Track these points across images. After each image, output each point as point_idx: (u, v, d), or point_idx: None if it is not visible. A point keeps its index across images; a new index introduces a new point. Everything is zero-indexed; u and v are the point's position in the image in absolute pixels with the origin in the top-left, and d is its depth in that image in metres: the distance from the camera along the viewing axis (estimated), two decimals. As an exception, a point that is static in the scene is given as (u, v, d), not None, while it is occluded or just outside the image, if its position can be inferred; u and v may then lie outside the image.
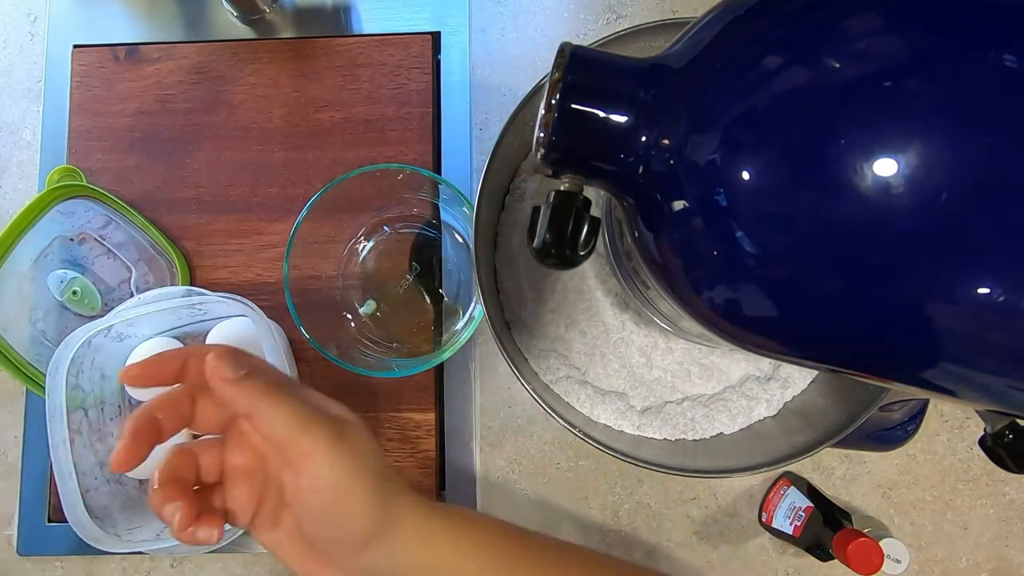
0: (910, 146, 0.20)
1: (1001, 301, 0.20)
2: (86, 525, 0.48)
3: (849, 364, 0.25)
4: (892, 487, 0.57)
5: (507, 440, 0.58)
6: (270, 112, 0.60)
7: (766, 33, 0.24)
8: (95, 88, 0.61)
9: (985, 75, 0.20)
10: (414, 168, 0.52)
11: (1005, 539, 0.57)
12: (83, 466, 0.50)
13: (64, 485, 0.48)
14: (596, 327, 0.49)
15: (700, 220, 0.24)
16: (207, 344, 0.52)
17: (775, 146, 0.22)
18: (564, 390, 0.49)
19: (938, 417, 0.58)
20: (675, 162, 0.25)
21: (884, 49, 0.21)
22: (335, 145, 0.59)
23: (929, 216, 0.20)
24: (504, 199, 0.52)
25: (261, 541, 0.32)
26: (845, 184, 0.21)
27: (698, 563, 0.57)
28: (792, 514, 0.54)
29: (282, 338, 0.56)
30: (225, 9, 0.62)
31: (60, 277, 0.57)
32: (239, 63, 0.61)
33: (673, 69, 0.26)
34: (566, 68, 0.26)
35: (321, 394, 0.32)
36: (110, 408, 0.56)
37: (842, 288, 0.22)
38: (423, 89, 0.60)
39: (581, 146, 0.27)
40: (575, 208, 0.27)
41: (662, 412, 0.49)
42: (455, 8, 0.61)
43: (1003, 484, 0.57)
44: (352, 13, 0.62)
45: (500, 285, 0.52)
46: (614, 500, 0.57)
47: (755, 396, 0.49)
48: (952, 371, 0.23)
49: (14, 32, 0.63)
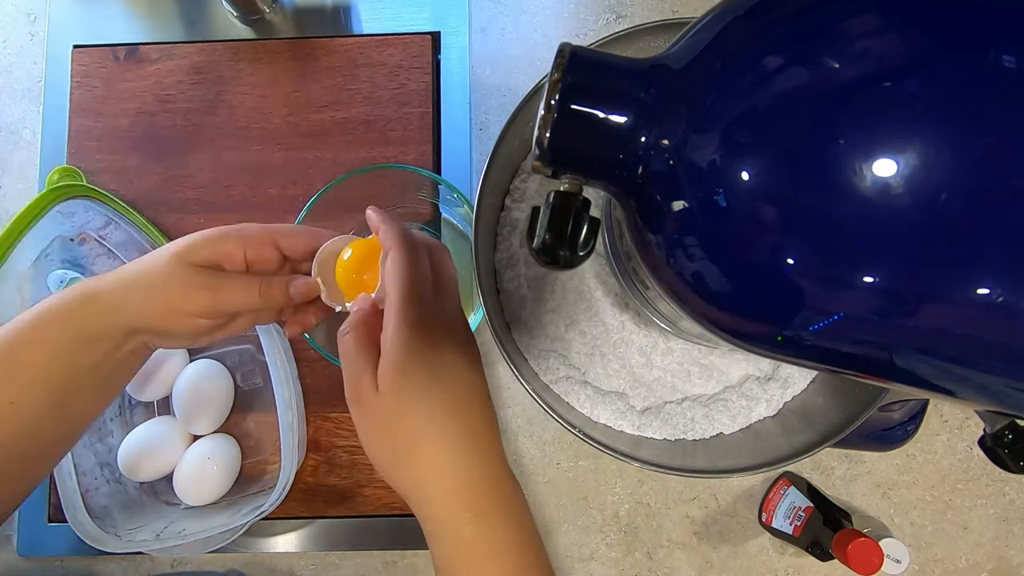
0: (910, 147, 0.20)
1: (1001, 301, 0.20)
2: (86, 525, 0.48)
3: (848, 364, 0.25)
4: (892, 487, 0.57)
5: (507, 440, 0.58)
6: (270, 112, 0.60)
7: (766, 33, 0.24)
8: (95, 88, 0.61)
9: (985, 75, 0.20)
10: (414, 168, 0.52)
11: (1005, 539, 0.57)
12: (83, 466, 0.50)
13: (64, 485, 0.48)
14: (596, 327, 0.49)
15: (700, 220, 0.24)
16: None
17: (775, 146, 0.22)
18: (564, 390, 0.49)
19: (938, 417, 0.58)
20: (675, 162, 0.25)
21: (884, 49, 0.21)
22: (335, 145, 0.59)
23: (929, 216, 0.20)
24: (504, 199, 0.52)
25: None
26: (845, 184, 0.21)
27: (698, 563, 0.57)
28: (792, 514, 0.54)
29: (282, 338, 0.56)
30: (225, 9, 0.62)
31: (60, 277, 0.57)
32: (239, 63, 0.61)
33: (673, 69, 0.26)
34: (566, 68, 0.26)
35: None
36: (110, 408, 0.56)
37: (843, 289, 0.22)
38: (423, 89, 0.60)
39: (581, 146, 0.27)
40: (575, 208, 0.27)
41: (662, 412, 0.49)
42: (455, 8, 0.61)
43: (1003, 484, 0.57)
44: (352, 13, 0.62)
45: (500, 285, 0.52)
46: (614, 500, 0.57)
47: (755, 396, 0.49)
48: (952, 371, 0.23)
49: (14, 32, 0.63)
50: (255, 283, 0.36)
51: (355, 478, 0.57)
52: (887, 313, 0.22)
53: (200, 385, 0.56)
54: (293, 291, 0.37)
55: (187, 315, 0.35)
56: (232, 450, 0.56)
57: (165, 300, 0.35)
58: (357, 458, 0.57)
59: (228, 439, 0.56)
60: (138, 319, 0.35)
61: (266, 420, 0.57)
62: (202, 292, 0.35)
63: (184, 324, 0.36)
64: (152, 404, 0.58)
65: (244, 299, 0.36)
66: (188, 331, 0.36)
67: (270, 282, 0.37)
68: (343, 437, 0.57)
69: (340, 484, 0.57)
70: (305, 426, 0.57)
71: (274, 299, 0.37)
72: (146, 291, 0.35)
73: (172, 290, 0.35)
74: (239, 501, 0.55)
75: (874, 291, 0.22)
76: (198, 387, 0.55)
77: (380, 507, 0.57)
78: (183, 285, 0.35)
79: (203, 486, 0.54)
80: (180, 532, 0.50)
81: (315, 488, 0.57)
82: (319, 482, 0.57)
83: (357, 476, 0.57)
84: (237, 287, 0.36)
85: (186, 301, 0.35)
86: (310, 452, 0.57)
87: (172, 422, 0.56)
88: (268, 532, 0.57)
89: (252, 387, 0.58)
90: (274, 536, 0.57)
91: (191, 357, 0.58)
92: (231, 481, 0.55)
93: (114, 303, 0.35)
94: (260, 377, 0.58)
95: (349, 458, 0.57)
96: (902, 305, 0.22)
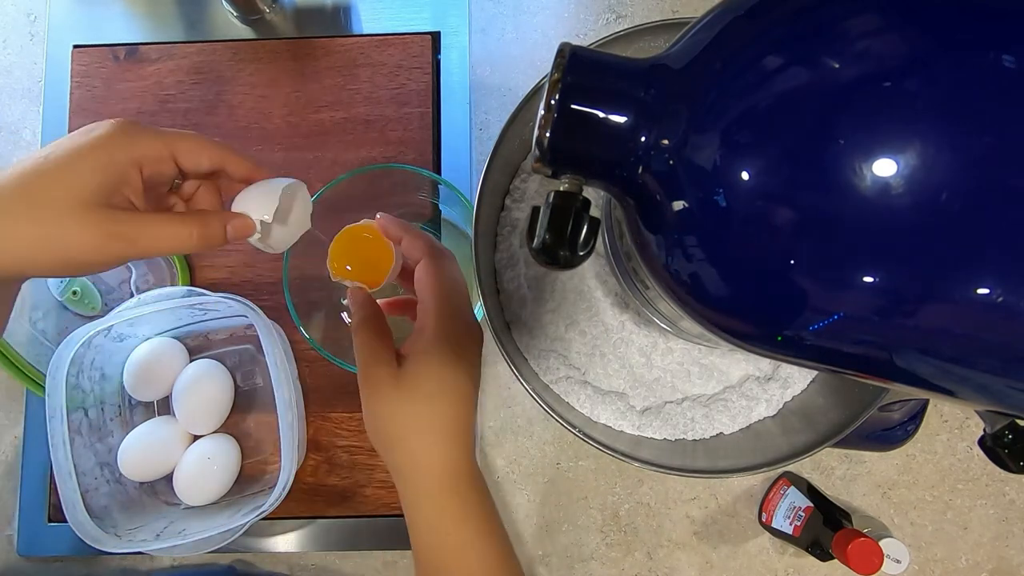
0: (910, 146, 0.20)
1: (1001, 301, 0.20)
2: (86, 525, 0.48)
3: (848, 364, 0.25)
4: (892, 487, 0.57)
5: (507, 440, 0.58)
6: (270, 112, 0.60)
7: (766, 33, 0.24)
8: (95, 88, 0.61)
9: (985, 75, 0.20)
10: (414, 168, 0.52)
11: (1005, 539, 0.57)
12: (83, 466, 0.50)
13: (64, 485, 0.48)
14: (596, 327, 0.49)
15: (700, 220, 0.24)
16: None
17: (775, 146, 0.22)
18: (564, 390, 0.49)
19: (938, 417, 0.58)
20: (675, 162, 0.25)
21: (884, 49, 0.21)
22: (335, 145, 0.59)
23: (929, 216, 0.20)
24: (504, 199, 0.52)
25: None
26: (845, 184, 0.21)
27: (698, 563, 0.57)
28: (792, 514, 0.54)
29: (282, 338, 0.56)
30: (225, 9, 0.62)
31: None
32: (239, 63, 0.61)
33: (673, 69, 0.26)
34: (566, 68, 0.26)
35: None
36: (110, 408, 0.56)
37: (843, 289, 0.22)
38: (423, 89, 0.60)
39: (581, 146, 0.27)
40: (575, 208, 0.27)
41: (662, 412, 0.49)
42: (455, 8, 0.61)
43: (1003, 484, 0.57)
44: (352, 13, 0.62)
45: (500, 285, 0.52)
46: (614, 500, 0.57)
47: (755, 396, 0.49)
48: (952, 371, 0.23)
49: (14, 32, 0.63)
50: (184, 230, 0.31)
51: (355, 478, 0.57)
52: (887, 313, 0.22)
53: (200, 385, 0.56)
54: (232, 232, 0.33)
55: (90, 263, 0.30)
56: (232, 450, 0.56)
57: (65, 254, 0.29)
58: (357, 458, 0.57)
59: (228, 439, 0.56)
60: (22, 261, 0.29)
61: (266, 420, 0.57)
62: (114, 242, 0.30)
63: (80, 269, 0.31)
64: (152, 404, 0.58)
65: (170, 244, 0.31)
66: (80, 273, 0.33)
67: (205, 224, 0.32)
68: (343, 437, 0.57)
69: (340, 484, 0.57)
70: (305, 426, 0.57)
71: (212, 244, 0.33)
72: (37, 243, 0.29)
73: (74, 244, 0.29)
74: (239, 501, 0.55)
75: (874, 291, 0.22)
76: (198, 387, 0.55)
77: (380, 507, 0.57)
78: (90, 237, 0.29)
79: (203, 486, 0.54)
80: (180, 532, 0.50)
81: (315, 488, 0.57)
82: (319, 482, 0.57)
83: (357, 476, 0.57)
84: (156, 234, 0.31)
85: (95, 253, 0.30)
86: (310, 452, 0.57)
87: (172, 422, 0.56)
88: (268, 532, 0.57)
89: (252, 387, 0.58)
90: (274, 536, 0.57)
91: (191, 357, 0.58)
92: (231, 481, 0.55)
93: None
94: (260, 377, 0.58)
95: (349, 458, 0.57)
96: (902, 305, 0.22)
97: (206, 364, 0.56)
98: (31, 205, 0.29)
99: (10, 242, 0.29)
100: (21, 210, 0.29)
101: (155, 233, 0.31)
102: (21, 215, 0.29)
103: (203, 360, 0.57)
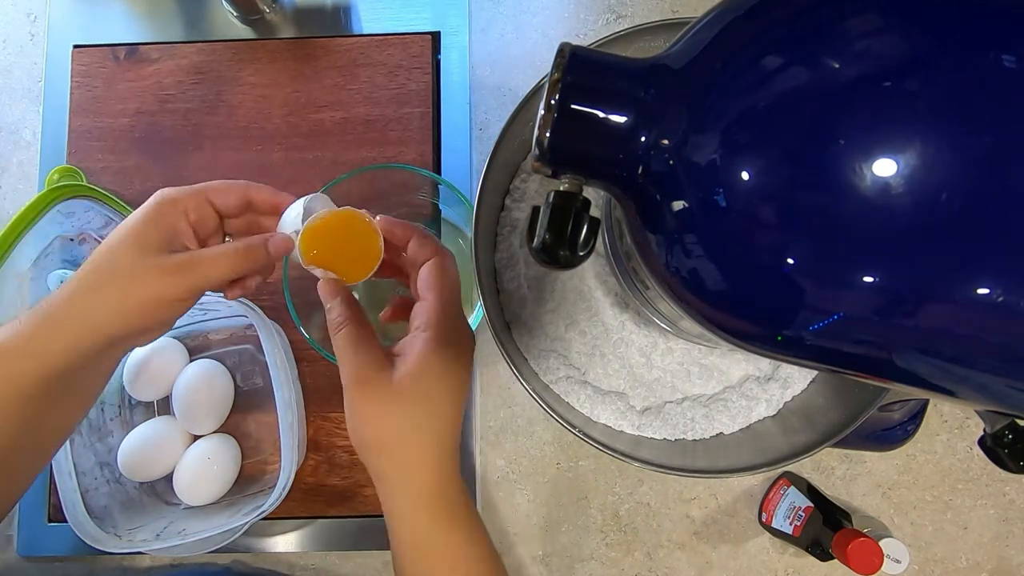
0: (910, 146, 0.20)
1: (1001, 301, 0.20)
2: (86, 525, 0.48)
3: (848, 364, 0.25)
4: (892, 487, 0.57)
5: (507, 440, 0.58)
6: (270, 112, 0.60)
7: (766, 33, 0.24)
8: (95, 88, 0.61)
9: (985, 75, 0.20)
10: (414, 168, 0.52)
11: (1005, 539, 0.57)
12: (83, 466, 0.50)
13: (64, 485, 0.48)
14: (596, 327, 0.49)
15: (700, 220, 0.24)
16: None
17: (775, 146, 0.22)
18: (564, 390, 0.49)
19: (938, 417, 0.58)
20: (675, 162, 0.25)
21: (884, 49, 0.21)
22: (335, 145, 0.59)
23: (929, 216, 0.20)
24: (504, 199, 0.52)
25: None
26: (845, 184, 0.21)
27: (698, 563, 0.57)
28: (792, 514, 0.54)
29: (282, 338, 0.56)
30: (225, 9, 0.62)
31: (60, 277, 0.57)
32: (239, 63, 0.61)
33: (673, 69, 0.26)
34: (566, 68, 0.26)
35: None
36: (110, 408, 0.56)
37: (843, 289, 0.22)
38: (423, 89, 0.60)
39: (581, 146, 0.26)
40: (575, 208, 0.27)
41: (662, 412, 0.49)
42: (455, 8, 0.61)
43: (1003, 484, 0.57)
44: (352, 13, 0.62)
45: (500, 285, 0.52)
46: (614, 500, 0.57)
47: (755, 396, 0.49)
48: (952, 371, 0.23)
49: (14, 32, 0.63)
50: (232, 251, 0.35)
51: (355, 478, 0.57)
52: (887, 313, 0.22)
53: (200, 385, 0.56)
54: (273, 248, 0.36)
55: (170, 303, 0.34)
56: (232, 450, 0.56)
57: (152, 296, 0.34)
58: (357, 458, 0.57)
59: (228, 439, 0.56)
60: (116, 324, 0.34)
61: (266, 420, 0.57)
62: (178, 276, 0.34)
63: (167, 312, 0.35)
64: (152, 404, 0.58)
65: (224, 270, 0.35)
66: (169, 318, 0.36)
67: (249, 245, 0.36)
68: (343, 437, 0.57)
69: (340, 484, 0.57)
70: (305, 426, 0.57)
71: (258, 260, 0.36)
72: (123, 302, 0.34)
73: (151, 287, 0.34)
74: (239, 501, 0.55)
75: (874, 291, 0.22)
76: (198, 387, 0.55)
77: (380, 507, 0.57)
78: (159, 274, 0.34)
79: (203, 486, 0.54)
80: (180, 532, 0.50)
81: (315, 488, 0.57)
82: (319, 482, 0.57)
83: (357, 476, 0.57)
84: (213, 261, 0.35)
85: (166, 288, 0.34)
86: (310, 452, 0.57)
87: (172, 422, 0.56)
88: (268, 532, 0.57)
89: (252, 387, 0.58)
90: (274, 536, 0.57)
91: (191, 357, 0.58)
92: (231, 481, 0.55)
93: (87, 314, 0.33)
94: (260, 377, 0.58)
95: (349, 458, 0.57)
96: (902, 305, 0.22)
97: (206, 364, 0.56)
98: (114, 272, 0.34)
99: (100, 306, 0.34)
100: (104, 280, 0.34)
101: (211, 256, 0.35)
102: (104, 284, 0.34)
103: (203, 360, 0.57)
